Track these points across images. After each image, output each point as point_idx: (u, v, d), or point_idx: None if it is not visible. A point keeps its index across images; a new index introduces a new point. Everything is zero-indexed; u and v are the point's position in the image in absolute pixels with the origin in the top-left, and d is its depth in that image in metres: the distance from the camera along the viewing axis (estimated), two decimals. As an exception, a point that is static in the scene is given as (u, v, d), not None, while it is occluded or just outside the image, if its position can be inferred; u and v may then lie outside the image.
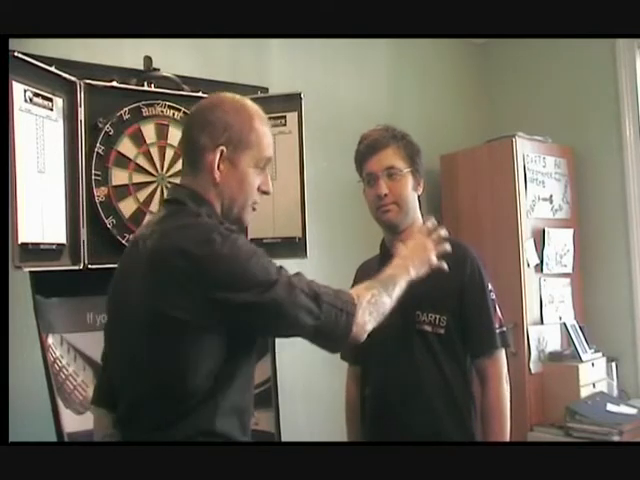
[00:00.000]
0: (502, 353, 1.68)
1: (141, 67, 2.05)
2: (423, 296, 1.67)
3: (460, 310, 1.66)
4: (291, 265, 1.25)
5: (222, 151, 1.23)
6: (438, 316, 1.65)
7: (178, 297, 1.12)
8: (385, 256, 1.79)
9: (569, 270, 3.09)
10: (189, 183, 1.27)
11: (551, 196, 3.06)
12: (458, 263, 1.68)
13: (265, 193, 1.32)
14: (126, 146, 1.93)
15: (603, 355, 2.95)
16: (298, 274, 1.22)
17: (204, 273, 1.12)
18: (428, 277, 1.70)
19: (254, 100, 1.29)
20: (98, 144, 1.89)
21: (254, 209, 1.32)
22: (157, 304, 1.13)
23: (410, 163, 1.71)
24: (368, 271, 1.87)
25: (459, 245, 1.76)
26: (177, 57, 2.36)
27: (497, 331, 1.66)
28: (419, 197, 1.77)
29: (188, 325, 1.13)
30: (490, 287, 1.69)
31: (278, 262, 1.21)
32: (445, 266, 1.48)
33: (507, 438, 1.63)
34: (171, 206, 1.26)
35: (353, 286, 1.90)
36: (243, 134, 1.25)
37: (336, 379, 1.99)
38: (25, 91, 1.66)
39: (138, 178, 1.95)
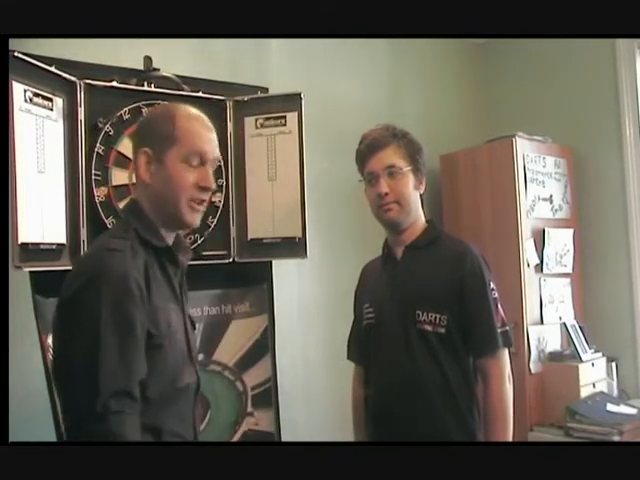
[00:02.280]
0: (504, 352, 1.67)
1: (141, 67, 2.05)
2: (423, 295, 1.67)
3: (460, 309, 1.65)
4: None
5: (146, 152, 1.29)
6: (438, 315, 1.64)
7: None
8: (388, 256, 1.79)
9: (569, 270, 3.09)
10: (133, 192, 1.38)
11: (551, 196, 3.06)
12: (458, 260, 1.68)
13: (205, 189, 1.30)
14: (126, 146, 1.93)
15: (603, 355, 2.95)
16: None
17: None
18: (427, 276, 1.70)
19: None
20: (98, 144, 1.88)
21: (195, 209, 1.30)
22: None
23: (411, 161, 1.71)
24: (372, 271, 1.87)
25: (460, 242, 1.76)
26: (177, 57, 2.35)
27: (499, 330, 1.65)
28: (421, 196, 1.77)
29: None
30: (492, 285, 1.68)
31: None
32: None
33: (510, 438, 1.62)
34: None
35: (358, 287, 1.91)
36: (166, 132, 1.29)
37: (336, 379, 1.99)
38: (25, 91, 1.66)
39: (138, 178, 1.95)
